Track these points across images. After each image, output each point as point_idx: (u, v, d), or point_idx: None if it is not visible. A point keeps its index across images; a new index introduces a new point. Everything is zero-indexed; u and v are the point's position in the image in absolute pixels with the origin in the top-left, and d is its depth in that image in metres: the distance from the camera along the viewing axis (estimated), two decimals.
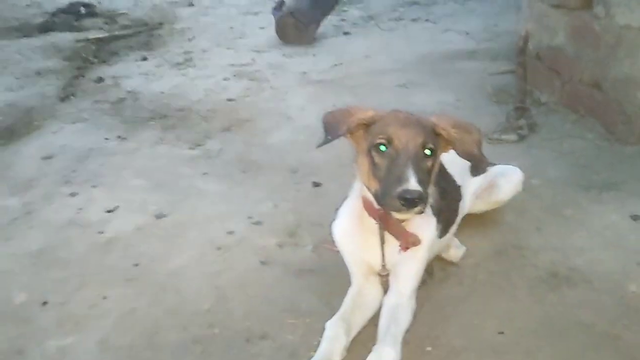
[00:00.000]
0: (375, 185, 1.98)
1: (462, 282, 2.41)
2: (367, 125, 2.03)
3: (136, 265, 2.59)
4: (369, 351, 1.93)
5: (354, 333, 2.11)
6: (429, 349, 2.07)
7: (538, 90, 4.26)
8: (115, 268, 2.58)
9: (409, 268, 2.15)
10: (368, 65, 5.46)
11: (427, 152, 1.96)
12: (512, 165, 2.81)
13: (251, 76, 5.25)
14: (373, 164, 1.98)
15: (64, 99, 4.83)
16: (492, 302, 2.29)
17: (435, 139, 2.00)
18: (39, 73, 5.46)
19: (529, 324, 2.17)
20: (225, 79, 5.22)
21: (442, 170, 2.45)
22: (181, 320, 2.25)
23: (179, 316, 2.27)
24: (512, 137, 3.62)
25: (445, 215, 2.38)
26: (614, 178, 3.14)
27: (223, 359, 2.07)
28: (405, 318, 2.09)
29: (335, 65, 5.46)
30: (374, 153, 1.97)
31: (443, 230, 2.36)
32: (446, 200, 2.39)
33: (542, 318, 2.20)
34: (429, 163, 1.98)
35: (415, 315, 2.11)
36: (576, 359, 2.01)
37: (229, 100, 4.70)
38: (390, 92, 4.70)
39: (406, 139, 1.94)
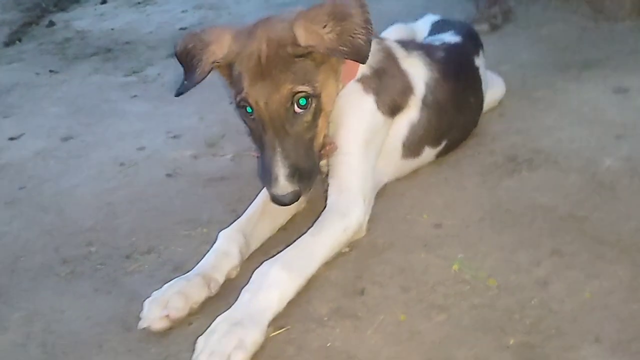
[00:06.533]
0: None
1: (399, 179, 1.95)
2: (228, 66, 1.59)
3: (22, 188, 2.21)
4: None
5: (256, 245, 1.69)
6: (346, 249, 1.64)
7: None
8: None
9: (345, 160, 1.69)
10: None
11: (299, 104, 1.52)
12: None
13: (211, 6, 4.81)
14: (246, 125, 1.62)
15: (8, 44, 4.52)
16: (433, 194, 1.84)
17: (309, 73, 1.53)
18: None
19: (474, 214, 1.72)
20: (183, 12, 4.81)
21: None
22: (55, 241, 1.86)
23: (53, 238, 1.88)
24: (484, 27, 3.07)
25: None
26: (597, 56, 2.62)
27: (92, 277, 1.68)
28: (335, 225, 1.58)
29: None
30: (242, 113, 1.58)
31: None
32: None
33: (491, 206, 1.74)
34: (307, 117, 1.54)
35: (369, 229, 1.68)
36: (527, 247, 1.55)
37: (181, 29, 4.30)
38: None
39: (263, 100, 1.50)
